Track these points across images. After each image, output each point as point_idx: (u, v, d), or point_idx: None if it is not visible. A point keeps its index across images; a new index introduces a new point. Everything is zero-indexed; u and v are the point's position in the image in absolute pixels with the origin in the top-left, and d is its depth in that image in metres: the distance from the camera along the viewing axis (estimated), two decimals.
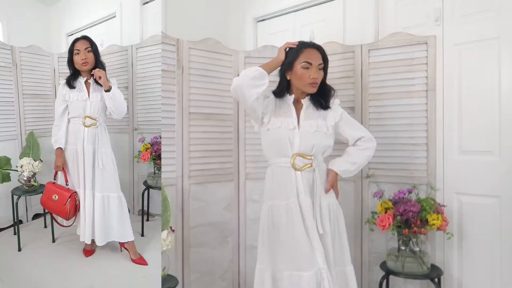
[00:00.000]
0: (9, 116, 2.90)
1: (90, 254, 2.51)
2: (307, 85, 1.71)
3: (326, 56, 1.76)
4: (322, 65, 1.73)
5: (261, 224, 1.77)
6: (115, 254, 2.50)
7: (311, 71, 1.69)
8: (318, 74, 1.71)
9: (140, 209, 2.89)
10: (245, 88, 1.64)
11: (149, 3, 2.97)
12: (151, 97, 2.89)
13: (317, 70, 1.70)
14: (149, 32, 2.93)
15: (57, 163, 2.36)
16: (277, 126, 1.71)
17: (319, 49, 1.75)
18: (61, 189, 2.36)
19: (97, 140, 2.35)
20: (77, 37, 2.37)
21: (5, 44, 2.90)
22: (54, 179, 2.42)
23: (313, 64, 1.69)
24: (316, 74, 1.70)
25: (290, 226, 1.64)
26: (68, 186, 2.38)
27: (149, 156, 2.71)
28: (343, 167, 1.77)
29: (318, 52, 1.73)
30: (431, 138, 2.08)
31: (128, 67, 2.97)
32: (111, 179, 2.40)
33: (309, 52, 1.72)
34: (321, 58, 1.73)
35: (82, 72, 2.38)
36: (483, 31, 1.93)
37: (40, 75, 3.08)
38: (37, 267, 2.42)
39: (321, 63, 1.72)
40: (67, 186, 2.38)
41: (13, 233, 2.72)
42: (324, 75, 1.76)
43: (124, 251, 2.47)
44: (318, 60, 1.71)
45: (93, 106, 2.34)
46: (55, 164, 2.38)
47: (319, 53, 1.73)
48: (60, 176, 2.43)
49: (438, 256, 2.08)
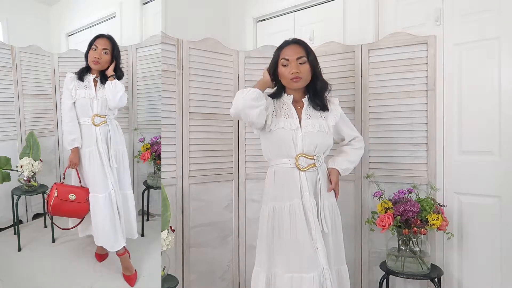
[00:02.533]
0: (9, 116, 2.90)
1: (104, 259, 2.47)
2: (289, 81, 1.70)
3: (309, 48, 1.72)
4: (304, 58, 1.68)
5: (260, 225, 1.77)
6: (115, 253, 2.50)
7: (290, 67, 1.68)
8: (299, 68, 1.68)
9: (140, 209, 2.89)
10: (247, 109, 1.62)
11: (149, 3, 2.97)
12: (151, 97, 2.89)
13: (297, 65, 1.68)
14: (149, 32, 2.93)
15: (74, 160, 2.25)
16: (280, 126, 1.69)
17: (298, 43, 1.72)
18: (76, 187, 2.28)
19: (109, 138, 2.30)
20: (101, 34, 2.31)
21: (5, 44, 2.90)
22: (63, 178, 2.34)
23: (290, 59, 1.68)
24: (296, 68, 1.67)
25: (293, 228, 1.63)
26: (81, 184, 2.30)
27: (149, 156, 2.71)
28: (344, 166, 1.79)
29: (297, 46, 1.71)
30: (431, 138, 2.08)
31: (128, 67, 2.97)
32: (127, 177, 2.38)
33: (286, 49, 1.71)
34: (303, 51, 1.70)
35: (92, 69, 2.33)
36: (483, 31, 1.93)
37: (40, 75, 3.08)
38: (37, 267, 2.42)
39: (302, 56, 1.68)
40: (80, 184, 2.30)
41: (13, 233, 2.72)
42: (312, 68, 1.71)
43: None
44: (296, 54, 1.68)
45: (100, 103, 2.29)
46: (71, 161, 2.26)
47: (298, 46, 1.71)
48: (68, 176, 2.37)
49: (438, 256, 2.08)
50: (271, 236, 1.69)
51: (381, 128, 2.19)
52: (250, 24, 2.91)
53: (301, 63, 1.68)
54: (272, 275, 1.67)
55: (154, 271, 2.29)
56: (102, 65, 2.29)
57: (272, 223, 1.69)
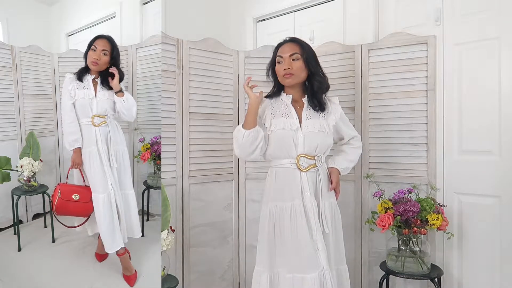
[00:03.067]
0: (9, 116, 2.90)
1: (104, 259, 2.48)
2: (282, 77, 1.71)
3: (305, 46, 1.72)
4: (297, 55, 1.68)
5: (261, 226, 1.76)
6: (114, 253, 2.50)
7: (283, 64, 1.69)
8: (292, 64, 1.68)
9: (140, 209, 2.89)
10: (249, 155, 1.69)
11: (149, 3, 2.97)
12: (151, 97, 2.89)
13: (290, 61, 1.68)
14: (149, 32, 2.93)
15: (77, 160, 2.25)
16: (281, 127, 1.69)
17: (293, 41, 1.73)
18: (79, 187, 2.29)
19: (109, 138, 2.30)
20: (101, 35, 2.30)
21: (5, 44, 2.90)
22: (67, 179, 2.34)
23: (284, 57, 1.69)
24: (288, 65, 1.68)
25: (293, 228, 1.63)
26: (85, 184, 2.30)
27: (149, 156, 2.72)
28: (344, 165, 1.80)
29: (292, 44, 1.71)
30: (431, 138, 2.08)
31: (128, 67, 2.98)
32: (128, 177, 2.38)
33: (282, 47, 1.73)
34: (297, 48, 1.70)
35: (91, 70, 2.32)
36: (483, 31, 1.93)
37: (40, 75, 3.08)
38: (37, 267, 2.42)
39: (294, 53, 1.68)
40: (84, 183, 2.30)
41: (13, 233, 2.72)
42: (307, 65, 1.70)
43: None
44: (289, 52, 1.69)
45: (99, 104, 2.28)
46: (73, 162, 2.26)
47: (293, 44, 1.71)
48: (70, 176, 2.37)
49: (438, 256, 2.08)
50: (272, 236, 1.69)
51: (381, 128, 2.19)
52: (250, 24, 2.91)
53: (294, 59, 1.68)
54: (275, 275, 1.67)
55: (154, 271, 2.29)
56: (101, 66, 2.28)
57: (273, 223, 1.69)
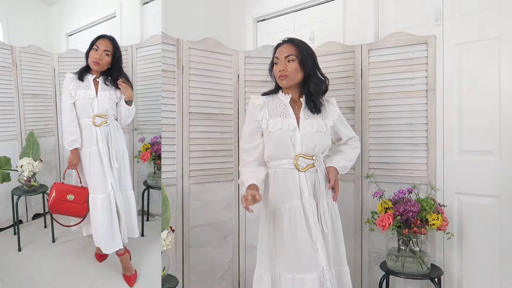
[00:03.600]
0: (9, 116, 2.90)
1: (104, 259, 2.47)
2: (278, 79, 1.72)
3: (302, 47, 1.71)
4: (293, 56, 1.68)
5: (261, 226, 1.76)
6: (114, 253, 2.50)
7: (279, 65, 1.70)
8: (287, 66, 1.68)
9: (140, 209, 2.89)
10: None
11: (149, 3, 2.97)
12: (151, 97, 2.89)
13: (285, 63, 1.68)
14: (149, 32, 2.94)
15: (74, 161, 2.24)
16: (278, 127, 1.68)
17: (289, 41, 1.73)
18: (75, 188, 2.28)
19: (110, 138, 2.30)
20: (104, 35, 2.29)
21: (5, 44, 2.90)
22: (63, 179, 2.34)
23: (280, 58, 1.70)
24: (283, 66, 1.68)
25: (292, 229, 1.63)
26: (82, 185, 2.30)
27: (149, 156, 2.72)
28: (341, 164, 1.80)
29: (288, 45, 1.72)
30: (431, 138, 2.08)
31: (128, 67, 2.97)
32: (128, 177, 2.39)
33: (279, 48, 1.73)
34: (293, 49, 1.69)
35: (92, 70, 2.31)
36: (483, 31, 1.93)
37: (40, 75, 3.08)
38: (37, 267, 2.42)
39: (290, 54, 1.68)
40: (80, 184, 2.30)
41: (13, 233, 2.72)
42: (303, 67, 1.69)
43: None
44: (284, 53, 1.69)
45: (100, 104, 2.27)
46: (70, 162, 2.25)
47: (290, 45, 1.71)
48: (69, 177, 2.36)
49: (438, 256, 2.08)
50: (272, 237, 1.69)
51: (381, 128, 2.19)
52: (250, 24, 2.91)
53: (289, 61, 1.69)
54: (277, 276, 1.67)
55: (154, 271, 2.29)
56: (102, 66, 2.27)
57: (273, 224, 1.69)
